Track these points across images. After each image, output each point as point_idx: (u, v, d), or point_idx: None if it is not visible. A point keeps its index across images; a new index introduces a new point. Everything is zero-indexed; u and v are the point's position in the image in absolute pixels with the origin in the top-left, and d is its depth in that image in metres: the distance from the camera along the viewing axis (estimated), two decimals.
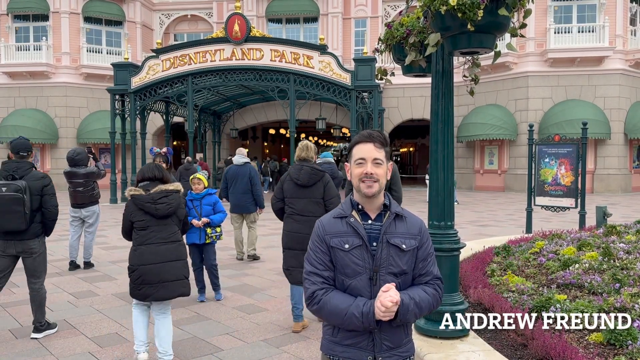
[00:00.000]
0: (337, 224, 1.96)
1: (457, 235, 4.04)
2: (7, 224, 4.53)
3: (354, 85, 16.62)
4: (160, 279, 4.05)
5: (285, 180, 5.13)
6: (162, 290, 4.07)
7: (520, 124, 22.26)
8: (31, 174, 4.73)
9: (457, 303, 3.94)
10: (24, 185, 4.57)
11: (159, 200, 4.12)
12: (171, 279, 4.10)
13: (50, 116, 24.48)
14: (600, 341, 3.58)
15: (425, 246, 2.01)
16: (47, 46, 24.31)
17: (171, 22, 27.75)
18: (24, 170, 4.71)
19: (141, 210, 4.14)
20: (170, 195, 4.18)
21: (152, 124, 24.58)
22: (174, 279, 4.12)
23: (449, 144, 3.93)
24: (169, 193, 4.18)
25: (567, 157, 9.02)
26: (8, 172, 4.66)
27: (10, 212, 4.49)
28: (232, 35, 16.88)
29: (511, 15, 3.25)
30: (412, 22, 3.95)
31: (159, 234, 4.15)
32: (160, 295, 4.07)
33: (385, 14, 25.72)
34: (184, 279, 4.20)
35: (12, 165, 4.73)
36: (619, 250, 5.63)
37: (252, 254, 8.37)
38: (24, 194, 4.55)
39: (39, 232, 4.79)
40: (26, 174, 4.70)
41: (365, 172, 1.91)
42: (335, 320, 1.90)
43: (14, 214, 4.51)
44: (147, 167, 4.32)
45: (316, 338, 4.73)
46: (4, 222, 4.52)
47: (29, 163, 4.82)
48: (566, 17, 22.34)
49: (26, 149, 4.87)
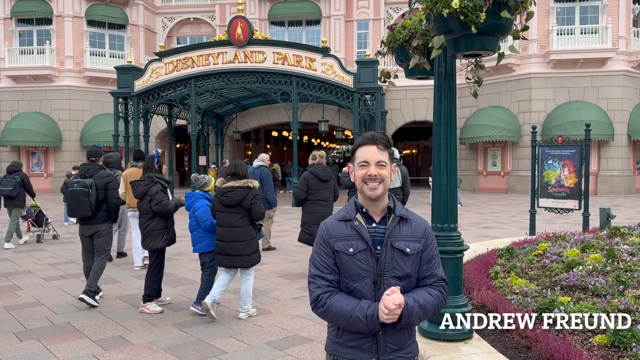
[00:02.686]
0: (341, 227, 1.96)
1: (460, 238, 4.04)
2: (79, 211, 6.00)
3: (357, 88, 16.64)
4: (227, 252, 5.34)
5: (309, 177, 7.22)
6: (228, 261, 5.35)
7: (523, 126, 22.24)
8: (98, 173, 6.18)
9: (461, 305, 3.93)
10: (90, 182, 6.02)
11: (226, 194, 5.28)
12: (235, 253, 5.33)
13: (53, 119, 24.57)
14: (604, 343, 3.57)
15: (430, 248, 2.00)
16: (50, 50, 24.42)
17: (174, 25, 27.83)
18: (94, 170, 6.20)
19: (217, 199, 5.36)
20: (235, 190, 5.28)
21: (155, 126, 24.64)
22: (237, 254, 5.33)
23: (451, 146, 3.93)
24: (234, 188, 5.28)
25: (570, 158, 9.00)
26: (82, 172, 6.22)
27: (80, 202, 5.97)
28: (234, 38, 16.93)
29: (513, 17, 3.26)
30: (415, 24, 3.95)
31: (228, 219, 5.30)
32: (227, 264, 5.38)
33: (387, 16, 25.74)
34: (246, 255, 5.35)
35: (85, 167, 6.28)
36: (622, 252, 5.61)
37: (267, 247, 9.35)
38: (89, 189, 5.98)
39: (105, 218, 6.16)
40: (95, 173, 6.16)
41: (369, 174, 1.91)
42: (340, 323, 1.90)
43: (82, 204, 5.96)
44: (233, 164, 5.52)
45: (320, 341, 4.73)
46: (77, 209, 6.01)
47: (99, 165, 6.36)
48: (569, 19, 22.32)
49: (95, 154, 6.40)
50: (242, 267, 5.44)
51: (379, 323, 1.84)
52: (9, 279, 7.32)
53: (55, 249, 9.89)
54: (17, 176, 10.07)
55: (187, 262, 8.39)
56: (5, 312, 5.76)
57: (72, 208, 6.04)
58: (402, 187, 7.68)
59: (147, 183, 5.72)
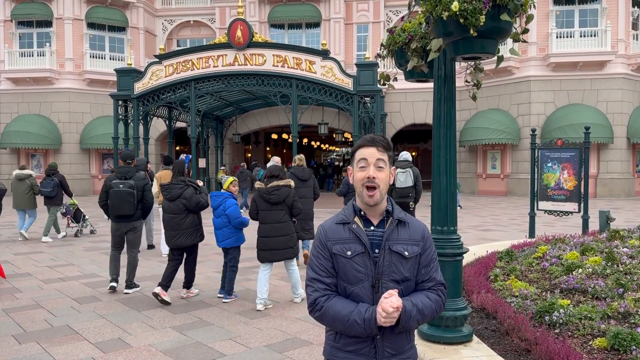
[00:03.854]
0: (339, 230, 1.96)
1: (460, 240, 4.04)
2: (123, 210, 6.56)
3: (356, 90, 16.64)
4: (271, 247, 5.82)
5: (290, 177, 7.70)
6: (273, 255, 5.84)
7: (523, 129, 22.26)
8: (136, 175, 6.77)
9: (461, 308, 3.93)
10: (134, 184, 6.62)
11: (273, 192, 5.82)
12: (280, 247, 5.83)
13: (53, 122, 24.58)
14: (604, 346, 3.57)
15: (428, 252, 2.00)
16: (50, 52, 24.43)
17: (174, 27, 27.86)
18: (132, 172, 6.77)
19: (261, 198, 5.85)
20: (280, 189, 5.86)
21: (155, 129, 24.65)
22: (281, 247, 5.84)
23: (451, 149, 3.94)
24: (280, 187, 5.86)
25: (569, 161, 9.00)
26: (122, 174, 6.72)
27: (125, 202, 6.54)
28: (234, 40, 16.94)
29: (513, 20, 3.26)
30: (414, 27, 3.96)
31: (273, 216, 5.84)
32: (272, 259, 5.85)
33: (387, 19, 25.78)
34: (289, 248, 5.89)
35: (123, 169, 6.81)
36: (622, 255, 5.61)
37: None
38: (134, 189, 6.61)
39: (140, 216, 6.81)
40: (132, 175, 6.73)
41: (368, 176, 1.91)
42: (338, 326, 1.89)
43: (127, 203, 6.55)
44: (272, 167, 6.09)
45: (319, 343, 4.72)
46: (122, 209, 6.55)
47: (134, 168, 6.97)
48: (568, 22, 22.36)
49: (130, 157, 7.23)
50: (287, 259, 6.00)
51: (376, 327, 1.83)
52: (8, 281, 7.31)
53: (55, 251, 9.89)
54: (55, 178, 11.25)
55: None
56: (5, 314, 5.75)
57: (117, 207, 6.58)
58: (414, 186, 8.81)
59: (182, 186, 6.22)
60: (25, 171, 11.24)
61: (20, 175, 11.08)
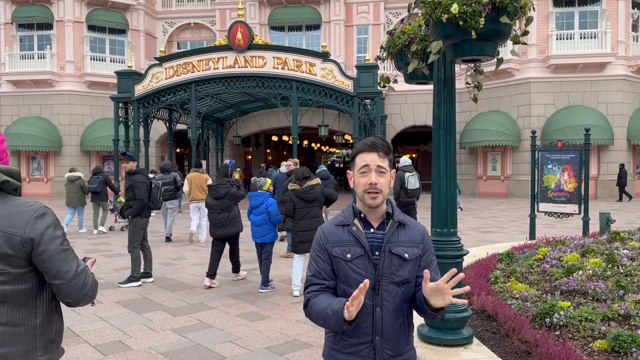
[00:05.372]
0: (338, 233, 1.95)
1: (460, 242, 4.04)
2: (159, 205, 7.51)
3: (356, 92, 16.66)
4: (309, 239, 6.34)
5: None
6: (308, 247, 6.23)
7: (523, 130, 22.26)
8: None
9: (461, 310, 3.92)
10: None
11: (309, 192, 6.52)
12: None
13: (54, 124, 24.59)
14: (604, 348, 3.56)
15: (428, 253, 2.00)
16: (51, 54, 24.46)
17: (174, 30, 27.89)
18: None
19: (298, 198, 6.52)
20: (314, 187, 6.56)
21: (156, 131, 24.67)
22: None
23: (451, 151, 3.94)
24: (313, 186, 6.55)
25: (570, 163, 9.00)
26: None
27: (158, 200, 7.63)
28: (234, 43, 16.97)
29: (513, 22, 3.27)
30: (414, 30, 3.97)
31: (310, 212, 6.53)
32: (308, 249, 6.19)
33: (387, 21, 25.81)
34: None
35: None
36: (622, 257, 5.61)
37: None
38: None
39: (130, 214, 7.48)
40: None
41: (370, 182, 1.90)
42: (319, 321, 1.88)
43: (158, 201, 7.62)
44: (303, 170, 6.75)
45: (319, 345, 4.72)
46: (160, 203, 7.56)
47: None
48: (568, 24, 22.37)
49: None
50: None
51: (343, 319, 1.78)
52: None
53: None
54: (100, 176, 12.86)
55: (187, 267, 8.39)
56: None
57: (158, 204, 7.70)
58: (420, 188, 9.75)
59: (227, 186, 7.18)
60: (76, 173, 12.78)
61: (72, 177, 12.63)
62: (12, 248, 1.72)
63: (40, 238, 1.75)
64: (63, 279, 1.79)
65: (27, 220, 1.75)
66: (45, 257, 1.76)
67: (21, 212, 1.77)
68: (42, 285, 1.83)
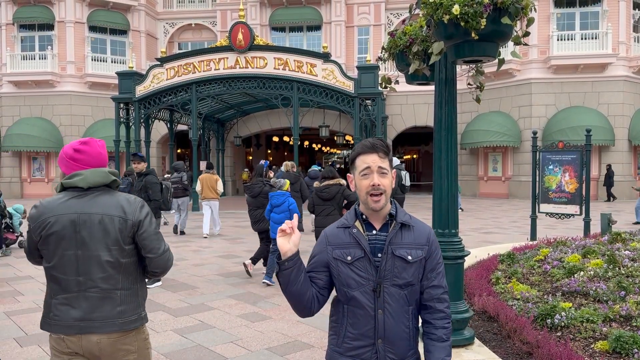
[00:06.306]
0: (340, 235, 1.94)
1: (462, 243, 4.04)
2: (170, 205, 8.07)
3: (357, 93, 16.67)
4: None
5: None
6: None
7: (524, 131, 22.24)
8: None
9: (462, 311, 3.92)
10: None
11: (324, 190, 6.95)
12: None
13: (55, 125, 24.62)
14: (606, 349, 3.56)
15: (434, 255, 1.97)
16: (52, 55, 24.49)
17: (175, 30, 27.92)
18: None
19: (316, 195, 7.04)
20: (330, 187, 6.92)
21: (157, 132, 24.68)
22: None
23: (452, 151, 3.94)
24: (329, 186, 6.92)
25: (571, 164, 9.00)
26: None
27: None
28: (235, 43, 16.98)
29: (514, 23, 3.27)
30: (415, 30, 3.97)
31: (325, 210, 6.94)
32: None
33: (388, 22, 25.81)
34: None
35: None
36: (624, 258, 5.60)
37: None
38: None
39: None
40: None
41: (372, 184, 1.88)
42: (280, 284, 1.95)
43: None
44: (327, 170, 7.23)
45: (320, 346, 4.72)
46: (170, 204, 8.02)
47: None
48: (569, 24, 22.36)
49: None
50: None
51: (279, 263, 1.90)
52: (10, 284, 7.31)
53: None
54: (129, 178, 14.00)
55: (188, 268, 8.39)
56: (6, 317, 5.75)
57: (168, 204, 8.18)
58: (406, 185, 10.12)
59: (261, 185, 7.75)
60: None
61: None
62: (127, 229, 2.33)
63: (143, 221, 2.37)
64: (156, 254, 2.39)
65: (135, 209, 2.37)
66: (145, 236, 2.37)
67: (130, 203, 2.38)
68: (139, 259, 2.43)
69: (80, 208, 2.32)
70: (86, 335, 2.30)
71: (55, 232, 2.29)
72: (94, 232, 2.29)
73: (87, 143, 2.48)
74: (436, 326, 1.94)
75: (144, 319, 2.45)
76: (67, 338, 2.30)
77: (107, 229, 2.31)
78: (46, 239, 2.31)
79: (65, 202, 2.33)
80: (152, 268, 2.42)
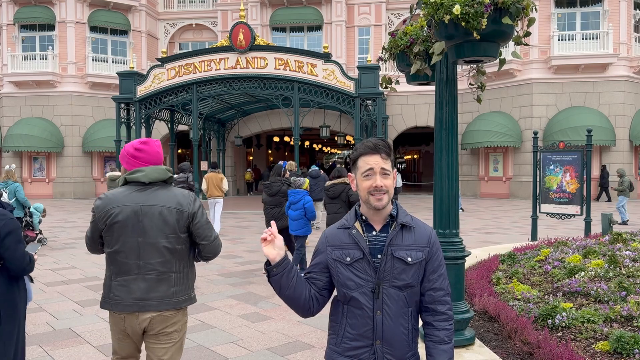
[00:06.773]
0: (339, 236, 1.94)
1: (462, 243, 4.04)
2: None
3: (358, 93, 16.67)
4: None
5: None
6: None
7: (525, 131, 22.23)
8: None
9: (463, 312, 3.92)
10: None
11: (330, 189, 7.15)
12: None
13: (56, 125, 24.63)
14: (607, 350, 3.56)
15: (435, 257, 1.96)
16: (53, 55, 24.50)
17: (176, 31, 27.93)
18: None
19: (324, 193, 7.31)
20: (335, 186, 7.12)
21: (157, 132, 24.69)
22: None
23: (453, 151, 3.94)
24: (335, 185, 7.13)
25: (572, 164, 9.00)
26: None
27: None
28: (236, 44, 16.98)
29: (515, 23, 3.27)
30: (416, 31, 3.97)
31: (332, 208, 7.15)
32: None
33: (388, 22, 25.81)
34: None
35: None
36: (625, 258, 5.60)
37: None
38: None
39: None
40: None
41: (375, 185, 1.87)
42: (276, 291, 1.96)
43: None
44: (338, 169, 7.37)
45: (320, 347, 4.72)
46: None
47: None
48: (570, 25, 22.35)
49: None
50: None
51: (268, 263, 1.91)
52: None
53: (57, 254, 9.90)
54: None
55: None
56: None
57: None
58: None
59: (279, 184, 7.86)
60: (116, 173, 12.96)
61: (113, 177, 12.78)
62: (183, 219, 2.68)
63: (197, 213, 2.72)
64: (208, 241, 2.75)
65: (190, 201, 2.72)
66: (199, 226, 2.73)
67: (185, 196, 2.73)
68: (191, 245, 2.78)
69: (142, 200, 2.65)
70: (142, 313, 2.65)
71: (120, 221, 2.63)
72: (155, 222, 2.63)
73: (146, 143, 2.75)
74: (437, 328, 1.93)
75: (192, 299, 2.81)
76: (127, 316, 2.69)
77: (166, 219, 2.65)
78: (111, 227, 2.64)
79: (129, 195, 2.66)
80: (205, 253, 2.78)
